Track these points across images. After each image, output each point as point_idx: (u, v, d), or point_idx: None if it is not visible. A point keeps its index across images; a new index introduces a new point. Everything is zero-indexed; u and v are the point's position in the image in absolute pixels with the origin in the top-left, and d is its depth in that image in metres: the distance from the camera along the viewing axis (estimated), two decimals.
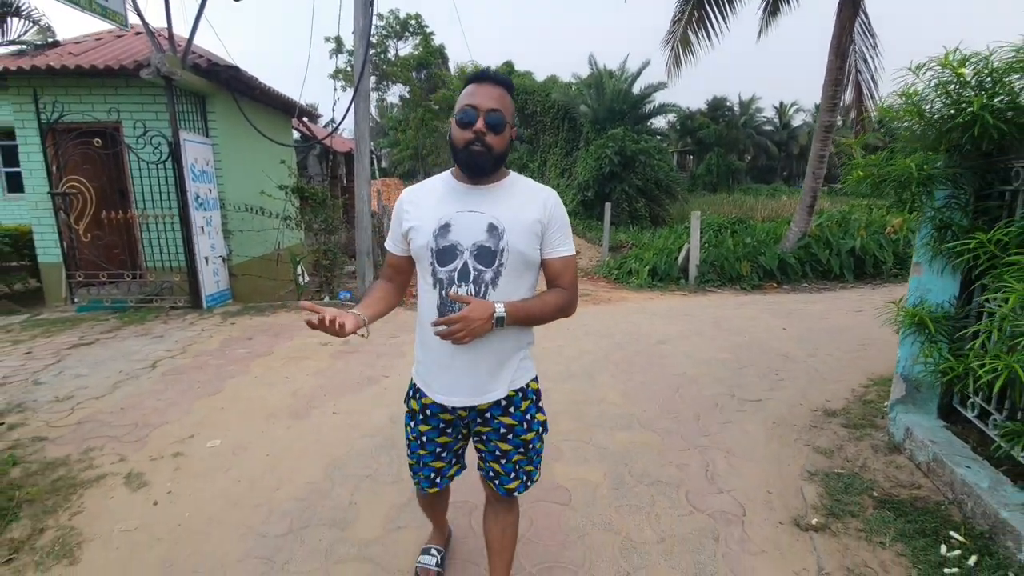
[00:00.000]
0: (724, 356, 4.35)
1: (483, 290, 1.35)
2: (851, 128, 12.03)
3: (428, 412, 1.49)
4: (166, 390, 3.53)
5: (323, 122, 12.60)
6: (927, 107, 2.31)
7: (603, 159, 14.70)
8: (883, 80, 8.26)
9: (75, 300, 6.04)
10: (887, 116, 2.55)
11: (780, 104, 36.58)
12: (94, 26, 6.84)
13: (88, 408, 3.23)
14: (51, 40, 6.98)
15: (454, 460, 1.59)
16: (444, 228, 1.35)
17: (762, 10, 8.70)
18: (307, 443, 2.84)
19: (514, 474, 1.50)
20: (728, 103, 33.97)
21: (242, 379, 3.76)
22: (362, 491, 2.39)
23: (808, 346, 4.63)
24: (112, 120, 5.91)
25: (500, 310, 1.31)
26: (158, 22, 6.70)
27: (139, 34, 6.63)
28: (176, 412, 3.19)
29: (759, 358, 4.30)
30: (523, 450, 1.49)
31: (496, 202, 1.37)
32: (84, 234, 6.00)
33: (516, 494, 1.53)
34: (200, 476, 2.51)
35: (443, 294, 1.36)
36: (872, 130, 9.05)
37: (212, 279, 6.15)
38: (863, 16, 7.80)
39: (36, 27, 7.38)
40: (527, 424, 1.48)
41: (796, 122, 36.33)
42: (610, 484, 2.46)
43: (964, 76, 2.15)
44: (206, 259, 6.01)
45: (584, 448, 2.79)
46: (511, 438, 1.47)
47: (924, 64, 2.26)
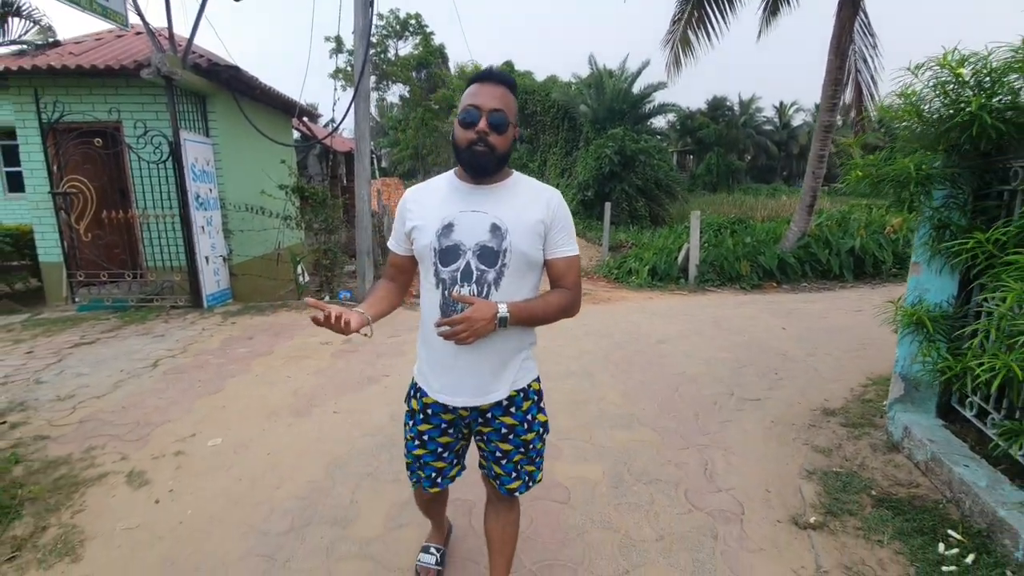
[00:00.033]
0: (723, 355, 4.36)
1: (485, 290, 1.35)
2: (851, 128, 12.03)
3: (429, 412, 1.48)
4: (167, 389, 3.54)
5: (323, 122, 12.60)
6: (926, 107, 2.32)
7: (603, 159, 14.72)
8: (883, 80, 8.27)
9: (76, 299, 6.04)
10: (886, 116, 2.56)
11: (780, 104, 36.60)
12: (94, 26, 6.86)
13: (90, 407, 3.24)
14: (52, 40, 6.99)
15: (455, 460, 1.58)
16: (447, 228, 1.35)
17: (762, 10, 8.70)
18: (308, 442, 2.85)
19: (515, 474, 1.50)
20: (728, 103, 33.97)
21: (243, 378, 3.77)
22: (363, 489, 2.40)
23: (807, 345, 4.64)
24: (113, 120, 5.92)
25: (503, 310, 1.31)
26: (158, 22, 6.73)
27: (139, 34, 6.64)
28: (177, 411, 3.20)
29: (758, 357, 4.31)
30: (523, 450, 1.49)
31: (499, 202, 1.36)
32: (85, 234, 6.01)
33: (517, 494, 1.53)
34: (201, 474, 2.52)
35: (446, 294, 1.36)
36: (872, 130, 9.06)
37: (213, 278, 6.16)
38: (863, 16, 7.81)
39: (37, 27, 7.38)
40: (528, 424, 1.48)
41: (796, 122, 36.34)
42: (609, 482, 2.46)
43: (962, 76, 2.16)
44: (206, 259, 6.02)
45: (583, 447, 2.80)
46: (512, 438, 1.47)
47: (923, 64, 2.26)
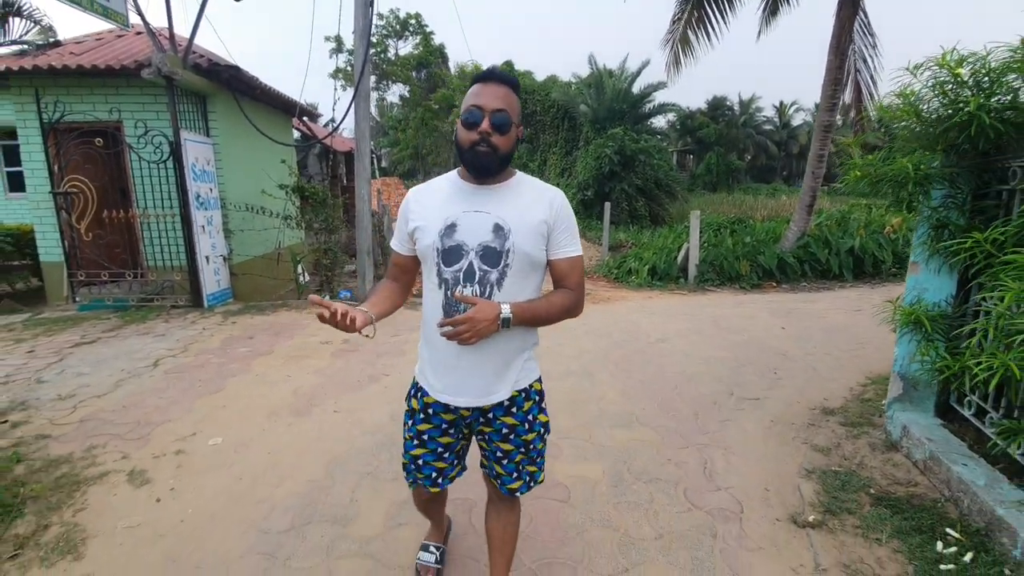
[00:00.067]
0: (723, 355, 4.37)
1: (488, 291, 1.34)
2: (851, 127, 12.03)
3: (430, 411, 1.48)
4: (168, 388, 3.55)
5: (323, 121, 12.61)
6: (924, 107, 2.33)
7: (603, 158, 14.74)
8: (882, 79, 8.28)
9: (77, 299, 6.05)
10: (885, 116, 2.57)
11: (780, 103, 36.64)
12: (95, 26, 6.85)
13: (91, 406, 3.25)
14: (52, 40, 7.00)
15: (456, 461, 1.57)
16: (450, 228, 1.35)
17: (761, 10, 8.71)
18: (308, 441, 2.86)
19: (516, 474, 1.50)
20: (728, 102, 34.00)
21: (243, 377, 3.78)
22: (363, 488, 2.41)
23: (806, 345, 4.64)
24: (113, 120, 5.92)
25: (506, 311, 1.30)
26: (159, 22, 6.73)
27: (140, 34, 6.65)
28: (178, 410, 3.21)
29: (758, 357, 4.32)
30: (524, 450, 1.48)
31: (502, 202, 1.36)
32: (85, 233, 6.01)
33: (519, 494, 1.53)
34: (202, 473, 2.53)
35: (448, 294, 1.35)
36: (872, 130, 9.06)
37: (213, 278, 6.17)
38: (862, 16, 7.81)
39: (38, 27, 7.40)
40: (529, 425, 1.48)
41: (796, 121, 36.36)
42: (609, 481, 2.47)
43: (961, 76, 2.17)
44: (207, 258, 6.03)
45: (583, 446, 2.81)
46: (513, 438, 1.47)
47: (921, 64, 2.27)
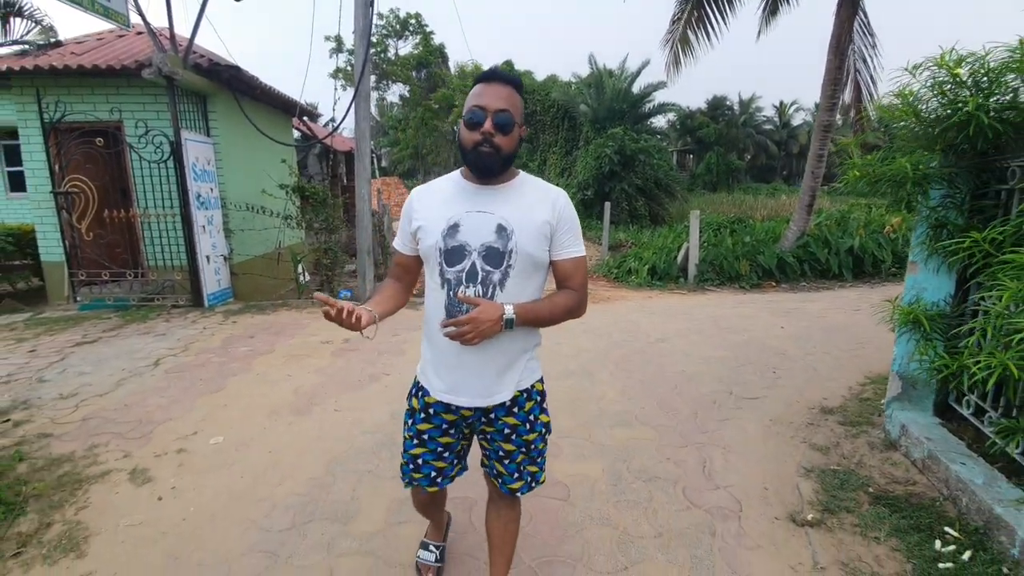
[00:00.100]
0: (722, 354, 4.38)
1: (491, 291, 1.34)
2: (851, 127, 12.04)
3: (431, 411, 1.48)
4: (169, 387, 3.56)
5: (323, 121, 12.62)
6: (923, 107, 2.33)
7: (603, 158, 14.75)
8: (882, 79, 8.28)
9: (78, 299, 6.06)
10: (884, 116, 2.58)
11: (780, 103, 36.65)
12: (96, 26, 6.85)
13: (92, 405, 3.26)
14: (53, 40, 7.02)
15: (456, 461, 1.57)
16: (453, 228, 1.34)
17: (761, 9, 8.71)
18: (309, 440, 2.87)
19: (517, 474, 1.50)
20: (728, 102, 34.01)
21: (244, 377, 3.79)
22: (364, 486, 2.42)
23: (806, 344, 4.65)
24: (114, 119, 5.93)
25: (509, 312, 1.30)
26: (159, 22, 6.74)
27: (140, 34, 6.66)
28: (179, 409, 3.22)
29: (757, 356, 4.32)
30: (525, 450, 1.49)
31: (505, 203, 1.35)
32: (86, 233, 6.02)
33: (519, 494, 1.53)
34: (203, 472, 2.54)
35: (451, 294, 1.35)
36: (871, 129, 9.07)
37: (213, 278, 6.18)
38: (862, 15, 7.82)
39: (39, 27, 7.41)
40: (530, 425, 1.48)
41: (796, 121, 36.36)
42: (608, 480, 2.48)
43: (960, 76, 2.17)
44: (207, 258, 6.04)
45: (583, 445, 2.82)
46: (514, 438, 1.47)
47: (920, 64, 2.28)
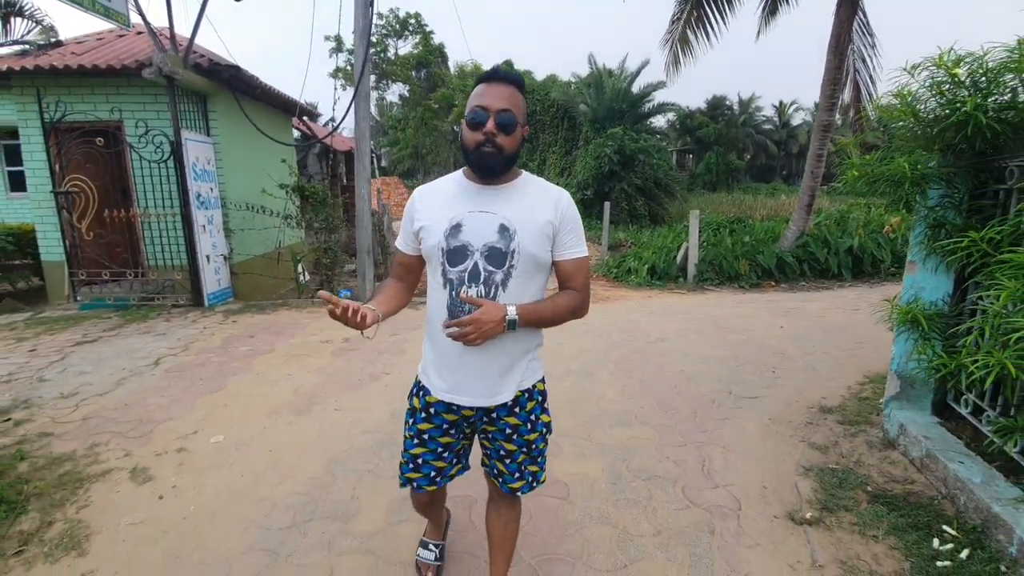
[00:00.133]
0: (722, 354, 4.38)
1: (493, 291, 1.34)
2: (850, 127, 12.05)
3: (432, 411, 1.48)
4: (169, 387, 3.57)
5: (323, 121, 12.62)
6: (922, 107, 2.34)
7: (602, 158, 14.75)
8: (881, 79, 8.28)
9: (78, 298, 6.06)
10: (884, 116, 2.58)
11: (780, 103, 36.64)
12: (96, 26, 6.86)
13: (93, 404, 3.27)
14: (54, 40, 7.02)
15: (456, 460, 1.57)
16: (455, 228, 1.34)
17: (760, 10, 8.72)
18: (309, 439, 2.87)
19: (518, 474, 1.51)
20: (728, 102, 34.00)
21: (244, 376, 3.79)
22: (364, 485, 2.43)
23: (805, 344, 4.66)
24: (114, 119, 5.94)
25: (512, 313, 1.29)
26: (160, 22, 6.74)
27: (141, 34, 6.66)
28: (179, 408, 3.22)
29: (756, 356, 4.33)
30: (526, 450, 1.49)
31: (508, 203, 1.35)
32: (87, 233, 6.03)
33: (520, 494, 1.53)
34: (204, 471, 2.55)
35: (453, 294, 1.35)
36: (871, 129, 9.07)
37: (214, 277, 6.18)
38: (861, 15, 7.82)
39: (39, 27, 7.42)
40: (531, 425, 1.48)
41: (796, 121, 36.34)
42: (608, 479, 2.49)
43: (958, 76, 2.18)
44: (207, 257, 6.05)
45: (583, 444, 2.83)
46: (515, 438, 1.47)
47: (919, 64, 2.28)
